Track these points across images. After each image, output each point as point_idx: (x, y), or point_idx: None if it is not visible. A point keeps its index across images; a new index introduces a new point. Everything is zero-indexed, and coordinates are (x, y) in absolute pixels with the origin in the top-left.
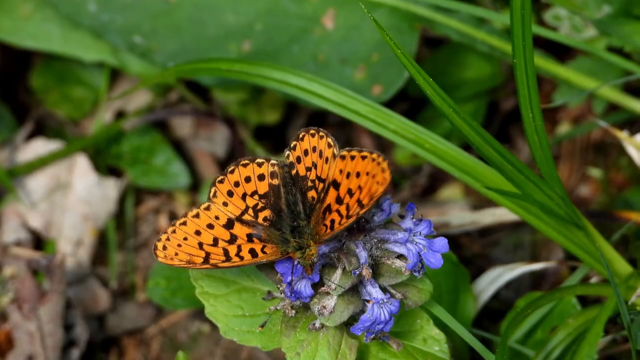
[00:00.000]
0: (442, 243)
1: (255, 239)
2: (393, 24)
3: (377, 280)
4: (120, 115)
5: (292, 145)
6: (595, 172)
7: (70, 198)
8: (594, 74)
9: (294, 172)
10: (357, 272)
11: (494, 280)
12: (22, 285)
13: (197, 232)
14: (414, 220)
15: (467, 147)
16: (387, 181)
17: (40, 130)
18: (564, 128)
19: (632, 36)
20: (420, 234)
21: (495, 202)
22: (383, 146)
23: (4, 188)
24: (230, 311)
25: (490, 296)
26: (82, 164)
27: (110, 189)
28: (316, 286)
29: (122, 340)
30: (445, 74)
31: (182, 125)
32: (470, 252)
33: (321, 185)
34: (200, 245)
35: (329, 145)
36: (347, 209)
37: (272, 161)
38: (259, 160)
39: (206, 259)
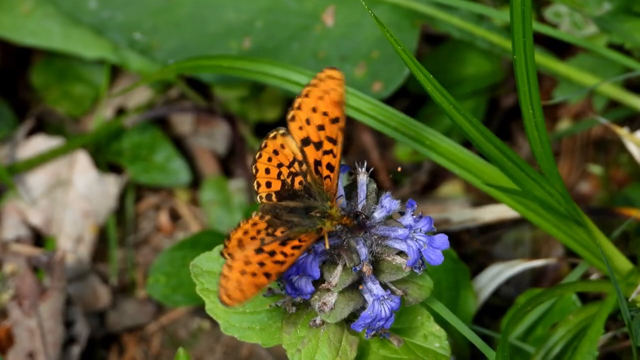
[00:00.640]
0: (442, 240)
1: (290, 238)
2: (393, 21)
3: (377, 276)
4: (120, 112)
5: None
6: (596, 169)
7: (71, 195)
8: (594, 71)
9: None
10: (358, 269)
11: (494, 276)
12: (23, 282)
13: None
14: (414, 217)
15: (467, 144)
16: (341, 79)
17: (41, 127)
18: (564, 125)
19: (632, 33)
20: (420, 230)
21: (495, 199)
22: (384, 143)
23: (4, 185)
24: (230, 308)
25: (490, 293)
26: (82, 161)
27: (111, 185)
28: (317, 283)
29: (123, 337)
30: (446, 71)
31: (183, 122)
32: (471, 248)
33: (296, 163)
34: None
35: (274, 138)
36: (330, 139)
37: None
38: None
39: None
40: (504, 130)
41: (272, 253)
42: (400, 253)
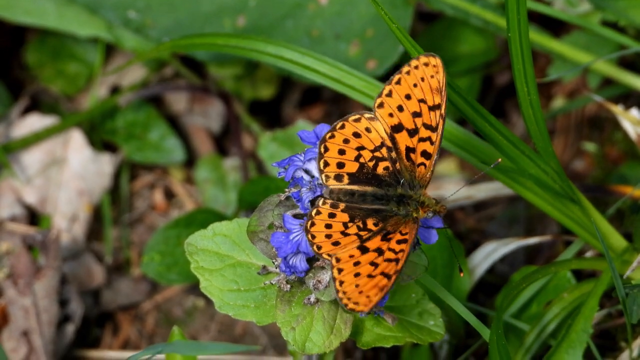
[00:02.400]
0: (437, 218)
1: (389, 232)
2: None
3: None
4: (115, 90)
5: None
6: (590, 147)
7: (66, 173)
8: (588, 49)
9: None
10: None
11: (489, 254)
12: (18, 261)
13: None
14: None
15: (462, 121)
16: (440, 66)
17: (35, 105)
18: (558, 102)
19: (626, 10)
20: None
21: (490, 177)
22: None
23: None
24: (225, 286)
25: (485, 270)
26: (77, 139)
27: (106, 164)
28: (311, 260)
29: (117, 316)
30: (440, 49)
31: (177, 101)
32: (465, 226)
33: (384, 149)
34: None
35: (357, 121)
36: (427, 126)
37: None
38: None
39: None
40: (498, 107)
41: (379, 251)
42: None
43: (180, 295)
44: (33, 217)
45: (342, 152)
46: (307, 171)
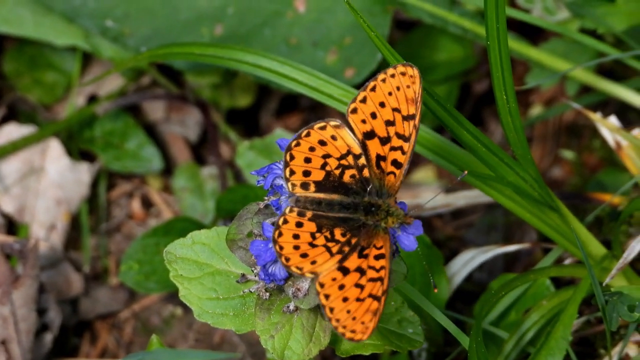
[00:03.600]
0: (416, 226)
1: (364, 247)
2: (365, 7)
3: None
4: (92, 99)
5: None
6: (568, 154)
7: (43, 182)
8: (566, 56)
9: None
10: None
11: (467, 262)
12: None
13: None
14: None
15: (440, 129)
16: (417, 76)
17: (13, 115)
18: (536, 110)
19: (605, 18)
20: None
21: (468, 185)
22: None
23: None
24: (204, 294)
25: (463, 278)
26: (54, 149)
27: (83, 173)
28: None
29: (95, 324)
30: (418, 57)
31: (155, 109)
32: (444, 234)
33: (350, 156)
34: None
35: (322, 129)
36: (400, 136)
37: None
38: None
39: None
40: (476, 115)
41: (360, 270)
42: None
43: (158, 304)
44: (11, 226)
45: (308, 160)
46: None
